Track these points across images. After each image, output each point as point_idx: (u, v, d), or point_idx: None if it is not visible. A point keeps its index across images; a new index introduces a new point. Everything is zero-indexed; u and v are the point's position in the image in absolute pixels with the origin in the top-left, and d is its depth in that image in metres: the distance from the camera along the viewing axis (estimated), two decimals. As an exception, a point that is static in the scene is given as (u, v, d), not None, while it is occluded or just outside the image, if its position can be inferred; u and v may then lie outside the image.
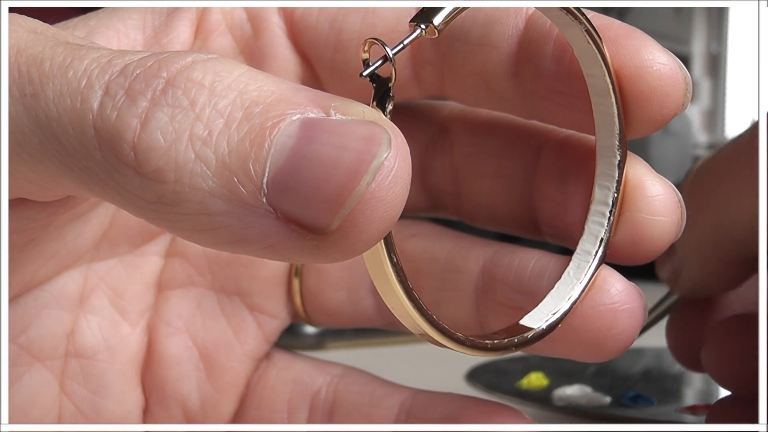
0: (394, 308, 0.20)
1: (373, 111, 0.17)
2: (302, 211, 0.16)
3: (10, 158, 0.18)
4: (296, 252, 0.17)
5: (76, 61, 0.18)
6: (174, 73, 0.17)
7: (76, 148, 0.17)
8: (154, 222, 0.18)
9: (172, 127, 0.17)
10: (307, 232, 0.17)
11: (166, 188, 0.17)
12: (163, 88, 0.17)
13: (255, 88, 0.17)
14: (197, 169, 0.16)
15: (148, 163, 0.17)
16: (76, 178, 0.18)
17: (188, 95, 0.17)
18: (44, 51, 0.18)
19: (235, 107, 0.17)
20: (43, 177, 0.19)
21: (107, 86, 0.17)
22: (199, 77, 0.17)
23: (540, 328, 0.22)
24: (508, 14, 0.22)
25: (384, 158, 0.16)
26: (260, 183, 0.16)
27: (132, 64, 0.18)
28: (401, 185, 0.17)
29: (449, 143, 0.25)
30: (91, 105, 0.17)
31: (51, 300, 0.25)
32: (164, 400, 0.26)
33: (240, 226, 0.17)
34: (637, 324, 0.22)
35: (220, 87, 0.17)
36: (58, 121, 0.18)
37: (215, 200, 0.16)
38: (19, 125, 0.18)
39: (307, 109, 0.17)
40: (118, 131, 0.17)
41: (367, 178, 0.16)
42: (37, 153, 0.18)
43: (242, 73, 0.17)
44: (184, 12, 0.24)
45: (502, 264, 0.24)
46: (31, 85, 0.18)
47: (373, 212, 0.16)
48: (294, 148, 0.16)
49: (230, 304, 0.27)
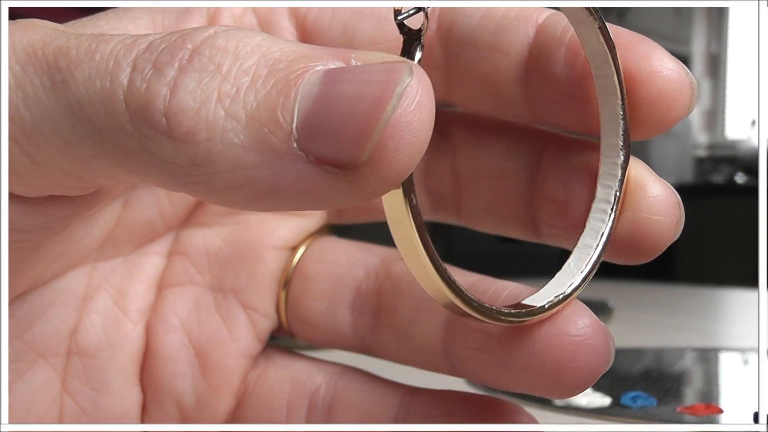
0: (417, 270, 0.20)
1: (393, 55, 0.18)
2: (332, 148, 0.17)
3: (44, 147, 0.19)
4: (330, 192, 0.17)
5: (101, 45, 0.18)
6: (198, 42, 0.18)
7: (108, 125, 0.18)
8: (189, 189, 0.18)
9: (200, 89, 0.17)
10: (339, 169, 0.17)
11: (198, 149, 0.17)
12: (189, 57, 0.18)
13: (277, 49, 0.18)
14: (228, 125, 0.17)
15: (179, 126, 0.17)
16: (110, 158, 0.18)
17: (214, 60, 0.18)
18: (69, 41, 0.19)
19: (260, 66, 0.17)
20: (78, 163, 0.19)
21: (135, 63, 0.18)
22: (222, 44, 0.18)
23: (542, 306, 0.22)
24: (519, 23, 0.23)
25: (407, 84, 0.17)
26: (290, 129, 0.17)
27: (157, 40, 0.18)
28: (426, 111, 0.17)
29: (451, 146, 0.26)
30: (121, 81, 0.18)
31: (56, 298, 0.25)
32: (160, 397, 0.26)
33: (274, 175, 0.17)
34: (600, 363, 0.22)
35: (244, 51, 0.18)
36: (89, 103, 0.18)
37: (248, 153, 0.17)
38: (52, 113, 0.18)
39: (329, 61, 0.17)
40: (148, 101, 0.17)
41: (392, 103, 0.17)
42: (71, 138, 0.18)
43: (264, 38, 0.18)
44: (195, 15, 0.24)
45: (478, 291, 0.24)
46: (60, 72, 0.18)
47: (401, 138, 0.17)
48: (319, 92, 0.17)
49: (225, 302, 0.27)
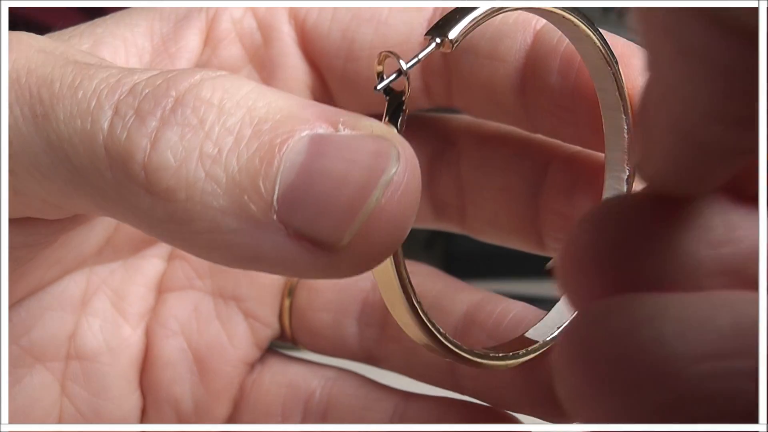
0: (404, 324, 0.20)
1: (381, 125, 0.17)
2: (313, 227, 0.16)
3: (23, 178, 0.18)
4: (308, 268, 0.17)
5: (85, 81, 0.18)
6: (183, 91, 0.17)
7: (87, 168, 0.17)
8: (167, 240, 0.18)
9: (181, 146, 0.17)
10: (318, 248, 0.17)
11: (177, 207, 0.17)
12: (172, 107, 0.17)
13: (263, 104, 0.17)
14: (207, 187, 0.17)
15: (158, 182, 0.17)
16: (88, 197, 0.18)
17: (197, 113, 0.17)
18: (54, 71, 0.18)
19: (244, 124, 0.17)
20: (56, 195, 0.19)
21: (117, 106, 0.17)
22: (207, 95, 0.17)
23: (545, 341, 0.22)
24: (517, 29, 0.22)
25: (393, 173, 0.16)
26: (270, 200, 0.16)
27: (141, 83, 0.18)
28: (411, 200, 0.17)
29: (456, 155, 0.25)
30: (101, 125, 0.17)
31: (53, 302, 0.25)
32: (159, 402, 0.26)
33: (252, 244, 0.17)
34: None
35: (229, 104, 0.17)
36: (69, 142, 0.18)
37: (226, 218, 0.16)
38: (32, 145, 0.18)
39: (315, 125, 0.17)
40: (128, 151, 0.17)
41: (376, 193, 0.16)
42: (49, 173, 0.18)
43: (251, 90, 0.17)
44: (193, 20, 0.24)
45: (485, 310, 0.24)
46: (42, 105, 0.18)
47: (384, 227, 0.16)
48: (303, 164, 0.16)
49: (226, 309, 0.27)
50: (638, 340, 0.16)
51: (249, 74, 0.24)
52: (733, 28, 0.13)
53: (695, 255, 0.17)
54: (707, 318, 0.16)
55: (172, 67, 0.23)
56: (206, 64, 0.24)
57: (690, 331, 0.16)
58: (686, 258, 0.17)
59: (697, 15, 0.14)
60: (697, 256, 0.17)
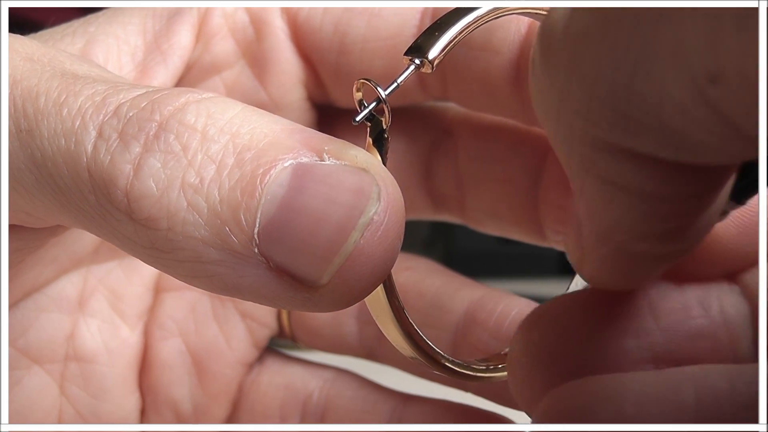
0: (399, 347, 0.20)
1: (366, 155, 0.17)
2: (293, 263, 0.16)
3: (8, 193, 0.18)
4: (289, 302, 0.17)
5: (70, 98, 0.18)
6: (167, 116, 0.17)
7: (71, 189, 0.17)
8: (151, 264, 0.18)
9: (164, 174, 0.17)
10: (299, 284, 0.17)
11: (158, 235, 0.17)
12: (156, 132, 0.17)
13: (247, 130, 0.17)
14: (189, 217, 0.16)
15: (140, 210, 0.17)
16: (72, 217, 0.18)
17: (180, 140, 0.17)
18: (39, 84, 0.18)
19: (227, 152, 0.17)
20: (40, 211, 0.19)
21: (101, 128, 0.17)
22: (191, 120, 0.17)
23: None
24: (511, 19, 0.22)
25: (372, 213, 0.16)
26: (251, 233, 0.16)
27: (125, 104, 0.17)
28: (391, 239, 0.17)
29: (453, 147, 0.25)
30: (85, 147, 0.17)
31: (50, 303, 0.24)
32: (158, 404, 0.26)
33: (233, 275, 0.17)
34: None
35: (213, 130, 0.17)
36: (53, 161, 0.17)
37: (208, 249, 0.16)
38: (16, 161, 0.18)
39: (299, 154, 0.17)
40: (111, 177, 0.17)
41: (355, 234, 0.16)
42: (33, 189, 0.18)
43: (236, 114, 0.17)
44: (185, 16, 0.24)
45: (486, 309, 0.24)
46: (27, 120, 0.18)
47: (363, 267, 0.16)
48: (284, 198, 0.16)
49: (223, 309, 0.26)
50: (600, 418, 0.17)
51: (242, 69, 0.24)
52: (647, 158, 0.14)
53: (623, 345, 0.18)
54: (670, 392, 0.17)
55: (164, 64, 0.23)
56: (198, 60, 0.24)
57: (651, 406, 0.17)
58: (614, 348, 0.18)
59: (612, 149, 0.15)
60: (624, 345, 0.18)
